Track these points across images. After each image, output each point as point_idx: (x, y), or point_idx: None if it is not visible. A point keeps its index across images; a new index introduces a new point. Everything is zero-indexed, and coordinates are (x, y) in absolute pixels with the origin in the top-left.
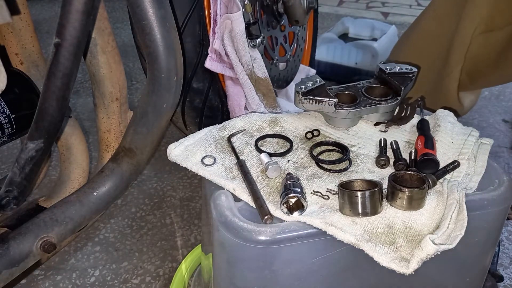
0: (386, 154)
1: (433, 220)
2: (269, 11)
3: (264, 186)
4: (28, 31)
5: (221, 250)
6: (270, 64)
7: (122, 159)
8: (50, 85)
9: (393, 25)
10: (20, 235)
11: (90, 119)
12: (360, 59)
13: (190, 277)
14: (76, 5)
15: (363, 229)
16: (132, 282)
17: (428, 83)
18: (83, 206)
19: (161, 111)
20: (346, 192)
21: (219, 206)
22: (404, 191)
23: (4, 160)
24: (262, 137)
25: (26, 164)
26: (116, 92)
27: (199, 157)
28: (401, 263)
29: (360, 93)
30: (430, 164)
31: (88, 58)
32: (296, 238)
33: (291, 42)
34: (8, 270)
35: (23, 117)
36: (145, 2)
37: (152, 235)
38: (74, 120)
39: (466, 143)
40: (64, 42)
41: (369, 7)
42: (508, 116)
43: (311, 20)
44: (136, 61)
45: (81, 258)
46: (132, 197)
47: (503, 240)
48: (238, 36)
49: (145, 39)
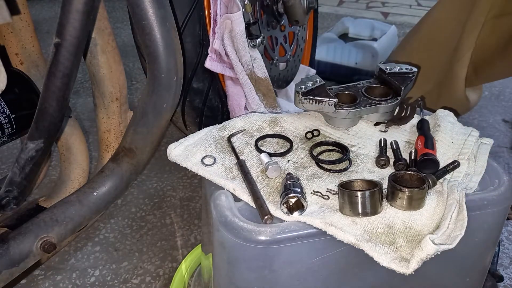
0: (386, 154)
1: (433, 220)
2: (269, 11)
3: (264, 186)
4: (28, 31)
5: (221, 250)
6: (270, 64)
7: (122, 159)
8: (50, 85)
9: (393, 25)
10: (20, 235)
11: (90, 119)
12: (360, 59)
13: (190, 277)
14: (76, 5)
15: (363, 229)
16: (132, 282)
17: (437, 74)
18: (83, 206)
19: (161, 111)
20: (346, 192)
21: (219, 206)
22: (404, 191)
23: (4, 160)
24: (262, 137)
25: (26, 164)
26: (116, 92)
27: (199, 157)
28: (401, 263)
29: (360, 93)
30: (430, 164)
31: (88, 58)
32: (296, 238)
33: (291, 42)
34: (8, 270)
35: (23, 117)
36: (145, 2)
37: (152, 235)
38: (74, 120)
39: (466, 143)
40: (64, 42)
41: (369, 7)
42: (508, 116)
43: (311, 20)
44: (136, 61)
45: (81, 258)
46: (132, 197)
47: (503, 240)
48: (238, 36)
49: (145, 39)
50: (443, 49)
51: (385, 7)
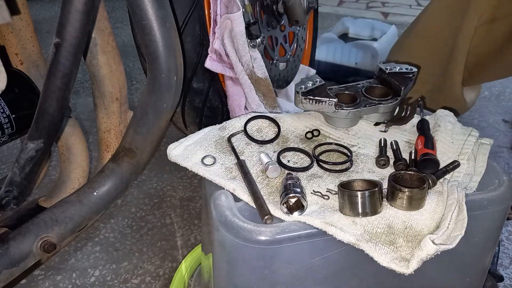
0: (386, 154)
1: (433, 220)
2: (269, 11)
3: (264, 186)
4: (28, 31)
5: (221, 250)
6: (270, 64)
7: (122, 159)
8: (50, 85)
9: (393, 25)
10: (20, 235)
11: (90, 119)
12: (360, 59)
13: (190, 277)
14: (76, 5)
15: (363, 229)
16: (132, 282)
17: (433, 77)
18: (83, 206)
19: (161, 111)
20: (346, 192)
21: (219, 206)
22: (404, 191)
23: (4, 160)
24: (284, 150)
25: (26, 164)
26: (116, 92)
27: (199, 157)
28: (401, 263)
29: (360, 93)
30: (430, 164)
31: (88, 58)
32: (296, 238)
33: (291, 42)
34: (8, 270)
35: (23, 117)
36: (145, 2)
37: (152, 235)
38: (74, 120)
39: (466, 143)
40: (64, 42)
41: (369, 7)
42: (508, 116)
43: (311, 20)
44: (136, 61)
45: (81, 258)
46: (132, 197)
47: (503, 240)
48: (238, 36)
49: (145, 39)
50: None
51: (385, 7)
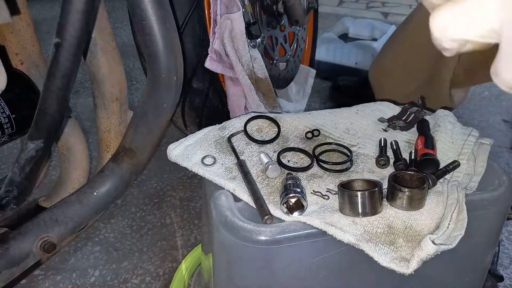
0: (386, 154)
1: (433, 220)
2: (269, 11)
3: (264, 186)
4: (28, 31)
5: (221, 250)
6: (270, 64)
7: (122, 159)
8: (50, 85)
9: (393, 25)
10: (20, 235)
11: (90, 119)
12: (360, 59)
13: (190, 277)
14: (76, 5)
15: (363, 229)
16: (132, 282)
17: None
18: (83, 206)
19: (161, 111)
20: (346, 192)
21: (219, 206)
22: (404, 191)
23: (4, 160)
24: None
25: (26, 164)
26: (116, 92)
27: (199, 157)
28: (401, 263)
29: None
30: (430, 164)
31: (88, 58)
32: (296, 238)
33: (291, 42)
34: (8, 270)
35: (23, 117)
36: (145, 2)
37: (152, 235)
38: (74, 120)
39: (466, 143)
40: (64, 42)
41: (369, 7)
42: (508, 116)
43: (311, 20)
44: (136, 61)
45: (81, 258)
46: (132, 197)
47: (503, 240)
48: (238, 36)
49: (145, 39)
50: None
51: (385, 7)
